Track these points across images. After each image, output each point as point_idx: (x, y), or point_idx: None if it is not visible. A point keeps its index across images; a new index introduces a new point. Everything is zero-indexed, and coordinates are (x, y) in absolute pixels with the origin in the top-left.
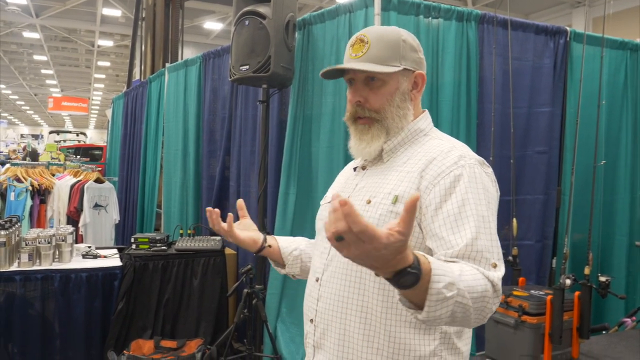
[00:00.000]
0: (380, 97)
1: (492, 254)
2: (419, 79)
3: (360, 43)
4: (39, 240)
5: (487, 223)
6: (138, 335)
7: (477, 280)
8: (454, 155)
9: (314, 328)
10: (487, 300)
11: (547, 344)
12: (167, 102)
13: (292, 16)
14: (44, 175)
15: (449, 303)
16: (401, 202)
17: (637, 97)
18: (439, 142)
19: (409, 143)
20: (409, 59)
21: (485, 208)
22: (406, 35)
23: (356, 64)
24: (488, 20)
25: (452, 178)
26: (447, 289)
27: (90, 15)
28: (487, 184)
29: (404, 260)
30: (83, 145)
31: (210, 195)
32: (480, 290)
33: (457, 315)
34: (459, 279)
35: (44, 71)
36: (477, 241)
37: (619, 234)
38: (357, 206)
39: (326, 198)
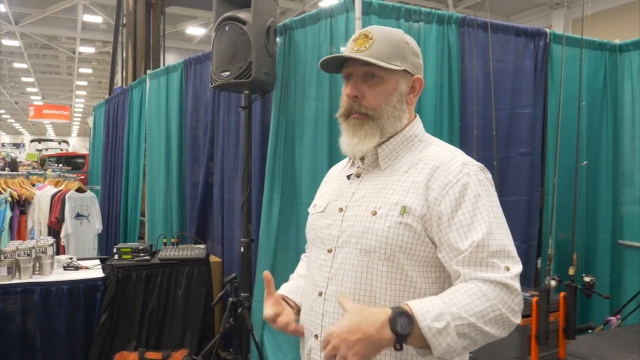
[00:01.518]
0: (378, 94)
1: (504, 257)
2: (417, 84)
3: (365, 38)
4: (18, 252)
5: (499, 225)
6: (122, 347)
7: (473, 296)
8: (457, 164)
9: (319, 344)
10: (496, 308)
11: (534, 345)
12: (149, 109)
13: (273, 21)
14: (23, 186)
15: (448, 331)
16: (409, 214)
17: (616, 97)
18: (437, 149)
19: (406, 149)
20: (409, 62)
21: (496, 210)
22: (409, 39)
23: (359, 55)
24: (468, 23)
25: (460, 187)
26: (437, 321)
27: (71, 22)
28: (491, 188)
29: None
30: (65, 153)
31: (195, 203)
32: (480, 304)
33: (471, 336)
34: (449, 305)
35: (24, 79)
36: (484, 247)
37: (602, 232)
38: (360, 217)
39: (316, 207)
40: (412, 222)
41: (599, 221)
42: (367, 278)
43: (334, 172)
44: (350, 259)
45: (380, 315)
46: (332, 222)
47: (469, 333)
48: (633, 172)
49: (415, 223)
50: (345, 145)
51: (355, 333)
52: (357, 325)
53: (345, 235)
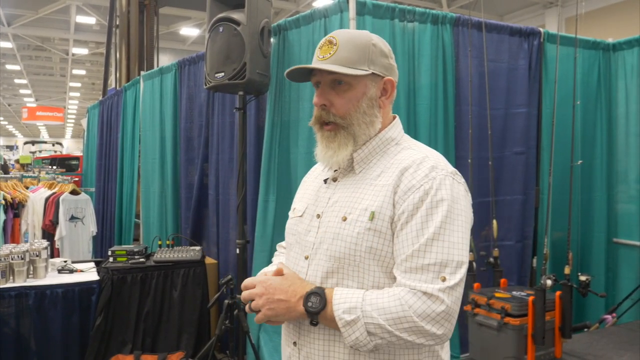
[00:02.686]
0: (346, 101)
1: (444, 266)
2: (389, 86)
3: (329, 45)
4: (12, 256)
5: (447, 235)
6: (118, 350)
7: (393, 302)
8: (425, 167)
9: (297, 351)
10: (410, 319)
11: (530, 344)
12: (143, 111)
13: (267, 22)
14: (17, 188)
15: (358, 326)
16: (378, 218)
17: (610, 96)
18: (411, 152)
19: (381, 153)
20: (378, 64)
21: (453, 217)
22: (377, 40)
23: (322, 64)
24: (463, 22)
25: (422, 193)
26: (348, 313)
27: (64, 23)
28: (457, 195)
29: (305, 287)
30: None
31: (190, 204)
32: (396, 311)
33: (382, 337)
34: (366, 302)
35: (17, 81)
36: (426, 254)
37: (597, 231)
38: (332, 223)
39: (295, 211)
40: (380, 227)
41: (594, 220)
42: (337, 285)
43: (312, 174)
44: (321, 265)
45: (305, 288)
46: (310, 228)
47: (379, 334)
48: (627, 170)
49: (384, 228)
50: (320, 156)
51: (280, 293)
52: (285, 287)
53: (319, 241)
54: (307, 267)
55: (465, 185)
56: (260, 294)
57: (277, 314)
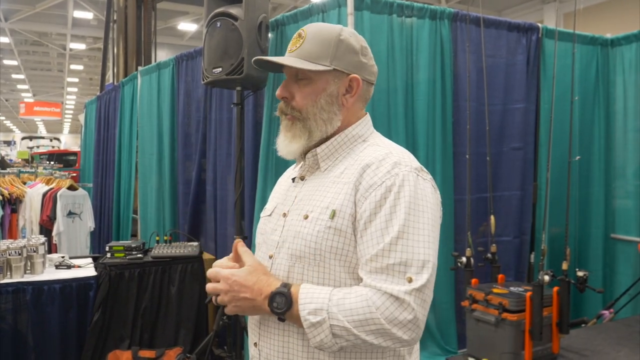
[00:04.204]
0: (305, 95)
1: (409, 266)
2: (354, 83)
3: (298, 37)
4: (9, 252)
5: (411, 233)
6: (115, 346)
7: (359, 303)
8: (388, 163)
9: (258, 353)
10: (378, 321)
11: (528, 340)
12: (141, 106)
13: (265, 17)
14: (14, 184)
15: (323, 328)
16: (339, 217)
17: (608, 91)
18: (375, 149)
19: (347, 150)
20: (343, 60)
21: (419, 215)
22: (347, 35)
23: (283, 57)
24: (461, 18)
25: (384, 190)
26: (312, 314)
27: (62, 18)
28: (423, 191)
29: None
30: (57, 151)
31: (187, 200)
32: (362, 313)
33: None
34: (333, 303)
35: (14, 76)
36: (390, 253)
37: (595, 227)
38: (294, 221)
39: (265, 210)
40: (341, 225)
41: (591, 215)
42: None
43: (285, 175)
44: (283, 264)
45: (270, 287)
46: (276, 227)
47: (345, 336)
48: (625, 165)
49: (344, 227)
50: (278, 146)
51: (244, 290)
52: (250, 284)
53: (282, 240)
54: (271, 266)
55: (432, 181)
56: (225, 291)
57: (243, 311)
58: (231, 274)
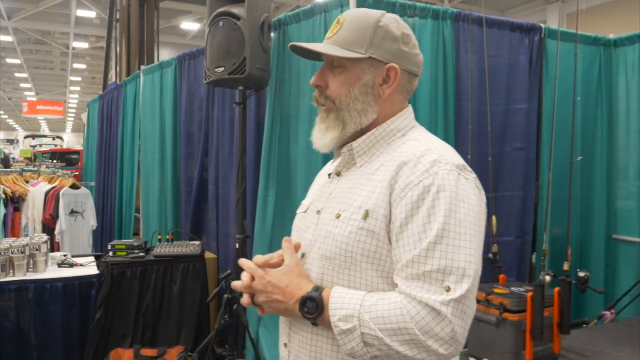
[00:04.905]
0: (339, 85)
1: (447, 274)
2: (392, 73)
3: (336, 23)
4: (12, 250)
5: (451, 238)
6: (117, 344)
7: (393, 311)
8: (426, 161)
9: (287, 353)
10: (412, 332)
11: (529, 340)
12: (143, 105)
13: (267, 17)
14: (17, 182)
15: (354, 335)
16: (372, 217)
17: (611, 92)
18: (414, 144)
19: (385, 145)
20: (381, 48)
21: (459, 218)
22: (387, 21)
23: (314, 44)
24: (463, 18)
25: (421, 190)
26: (343, 321)
27: (64, 17)
28: (465, 192)
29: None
30: (59, 149)
31: (189, 199)
32: (395, 322)
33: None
34: (365, 310)
35: (17, 74)
36: (427, 259)
37: (596, 227)
38: (327, 220)
39: (302, 206)
40: (374, 227)
41: (593, 216)
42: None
43: (324, 169)
44: (314, 265)
45: (301, 290)
46: (310, 224)
47: (377, 345)
48: (627, 166)
49: (377, 228)
50: (313, 138)
51: (277, 292)
52: (282, 286)
53: (315, 239)
54: (303, 265)
55: (475, 181)
56: (259, 291)
57: (277, 312)
58: (265, 272)
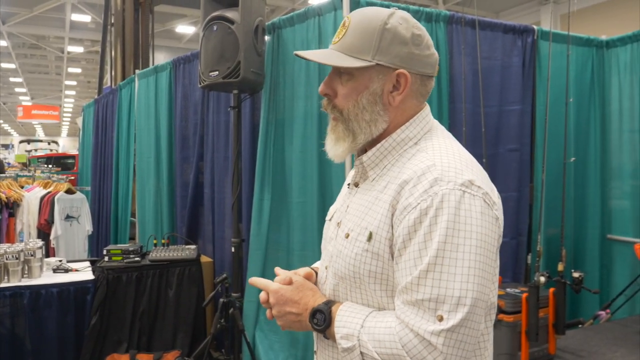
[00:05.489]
0: (347, 93)
1: (441, 302)
2: (402, 80)
3: (342, 27)
4: (7, 256)
5: (446, 265)
6: (113, 349)
7: (388, 336)
8: (427, 180)
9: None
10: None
11: (524, 341)
12: (138, 109)
13: (261, 20)
14: (12, 188)
15: (355, 354)
16: (376, 240)
17: (604, 93)
18: (420, 158)
19: (397, 156)
20: (389, 53)
21: (451, 246)
22: (395, 23)
23: (317, 51)
24: (456, 20)
25: (418, 213)
26: (345, 339)
27: (59, 21)
28: (467, 212)
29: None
30: (55, 154)
31: (185, 203)
32: (390, 347)
33: None
34: (363, 331)
35: (12, 79)
36: (419, 287)
37: (591, 227)
38: (339, 239)
39: (329, 213)
40: (377, 249)
41: (587, 216)
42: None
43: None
44: (329, 281)
45: (315, 302)
46: (332, 235)
47: None
48: (621, 166)
49: (381, 250)
50: (326, 146)
51: (291, 305)
52: (296, 299)
53: (335, 254)
54: (325, 278)
55: (485, 196)
56: (273, 304)
57: (289, 326)
58: (279, 287)
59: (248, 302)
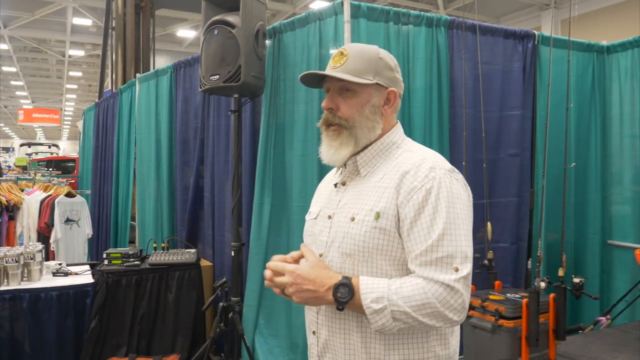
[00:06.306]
0: (351, 106)
1: (454, 257)
2: (392, 96)
3: (340, 55)
4: (6, 259)
5: (453, 229)
6: (112, 353)
7: (416, 291)
8: (424, 168)
9: (316, 340)
10: (434, 305)
11: (524, 347)
12: (139, 113)
13: (262, 25)
14: (12, 191)
15: (385, 314)
16: (383, 218)
17: (604, 98)
18: (410, 155)
19: (384, 157)
20: (383, 76)
21: (457, 212)
22: (384, 55)
23: (333, 72)
24: (457, 25)
25: (424, 192)
26: (375, 302)
27: (60, 25)
28: (457, 190)
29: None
30: (55, 157)
31: (185, 206)
32: (420, 299)
33: (406, 322)
34: (391, 292)
35: (13, 82)
36: (438, 248)
37: (591, 233)
38: (342, 223)
39: (311, 214)
40: (385, 225)
41: (588, 222)
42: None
43: (326, 180)
44: (335, 261)
45: (331, 280)
46: (323, 228)
47: (404, 319)
48: (621, 172)
49: (389, 226)
50: (324, 155)
51: (308, 283)
52: (312, 278)
53: (331, 240)
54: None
55: (463, 180)
56: (290, 284)
57: (306, 301)
58: (296, 268)
59: (248, 307)
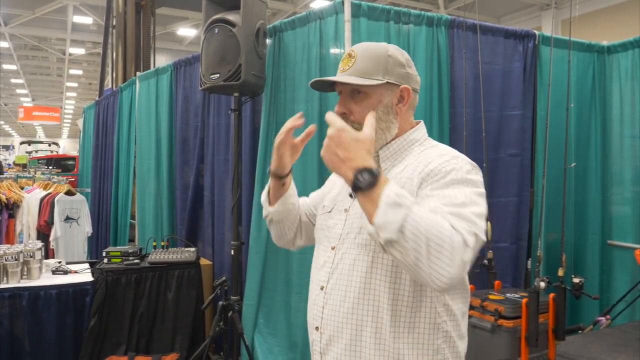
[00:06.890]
0: (363, 109)
1: (475, 224)
2: (405, 93)
3: (349, 57)
4: (6, 257)
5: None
6: (112, 351)
7: (438, 220)
8: (448, 156)
9: (319, 335)
10: (445, 243)
11: (524, 347)
12: (139, 111)
13: (262, 23)
14: (12, 189)
15: (400, 211)
16: None
17: (605, 99)
18: (433, 150)
19: (406, 152)
20: (394, 74)
21: (473, 195)
22: (393, 51)
23: (339, 76)
24: (458, 25)
25: (444, 172)
26: (399, 197)
27: (61, 23)
28: (476, 178)
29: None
30: (55, 155)
31: (185, 205)
32: (437, 228)
33: (407, 231)
34: (415, 205)
35: (13, 80)
36: (463, 208)
37: (591, 233)
38: (358, 215)
39: (324, 208)
40: None
41: (588, 222)
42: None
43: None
44: (349, 252)
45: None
46: (337, 221)
47: (409, 228)
48: (622, 172)
49: None
50: None
51: (341, 149)
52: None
53: (346, 232)
54: (334, 256)
55: (482, 178)
56: (329, 137)
57: (332, 163)
58: (344, 128)
59: (247, 306)
